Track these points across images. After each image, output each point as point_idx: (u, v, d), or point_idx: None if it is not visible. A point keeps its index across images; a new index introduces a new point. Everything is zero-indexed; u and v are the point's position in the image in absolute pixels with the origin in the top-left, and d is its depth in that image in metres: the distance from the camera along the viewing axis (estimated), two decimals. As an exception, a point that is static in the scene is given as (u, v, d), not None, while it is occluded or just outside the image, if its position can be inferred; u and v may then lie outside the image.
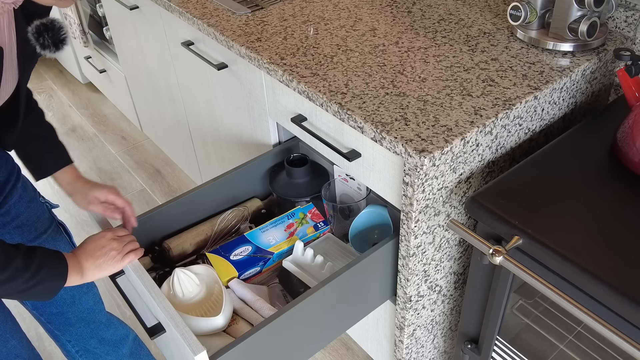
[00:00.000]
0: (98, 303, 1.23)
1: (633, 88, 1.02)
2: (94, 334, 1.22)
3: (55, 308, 1.15)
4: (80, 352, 1.22)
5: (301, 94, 1.15)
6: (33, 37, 0.90)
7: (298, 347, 1.08)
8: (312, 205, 1.30)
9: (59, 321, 1.18)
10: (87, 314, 1.20)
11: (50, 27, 0.90)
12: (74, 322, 1.19)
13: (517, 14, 1.18)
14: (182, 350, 0.95)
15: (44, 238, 1.11)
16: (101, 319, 1.23)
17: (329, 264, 1.18)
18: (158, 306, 0.97)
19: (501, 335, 1.07)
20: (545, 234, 0.85)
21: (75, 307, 1.18)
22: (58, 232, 1.15)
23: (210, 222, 1.30)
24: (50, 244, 1.12)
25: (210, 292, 1.13)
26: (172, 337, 0.98)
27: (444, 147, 0.94)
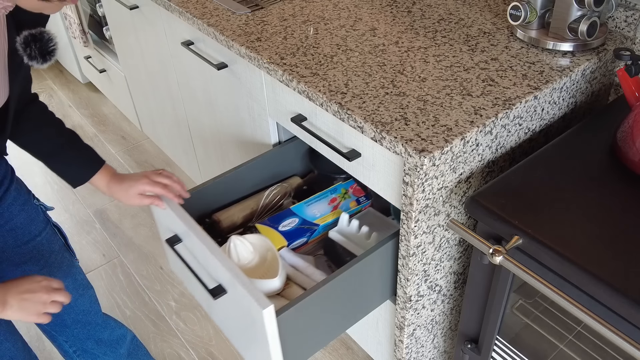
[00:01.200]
0: (94, 305, 1.22)
1: (633, 88, 1.02)
2: (90, 335, 1.22)
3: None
4: (78, 352, 1.22)
5: (301, 93, 1.15)
6: (21, 47, 0.89)
7: (350, 309, 1.14)
8: (353, 182, 1.36)
9: (54, 322, 1.18)
10: (82, 315, 1.20)
11: (39, 37, 0.89)
12: (70, 324, 1.19)
13: (517, 13, 1.18)
14: (248, 307, 0.98)
15: (38, 240, 1.11)
16: (97, 320, 1.23)
17: (374, 233, 1.24)
18: (223, 266, 1.00)
19: (501, 335, 1.07)
20: (545, 234, 0.85)
21: (71, 309, 1.18)
22: (53, 234, 1.15)
23: (255, 197, 1.36)
24: (45, 247, 1.12)
25: (263, 259, 1.19)
26: (234, 297, 1.01)
27: (443, 146, 0.94)
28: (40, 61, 0.90)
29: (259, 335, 1.00)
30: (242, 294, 0.97)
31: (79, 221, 2.25)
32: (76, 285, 1.18)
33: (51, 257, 1.13)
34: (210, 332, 1.77)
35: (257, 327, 0.99)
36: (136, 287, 1.95)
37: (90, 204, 2.33)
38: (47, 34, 0.90)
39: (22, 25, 0.89)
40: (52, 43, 0.90)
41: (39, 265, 1.11)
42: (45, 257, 1.12)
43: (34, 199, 1.12)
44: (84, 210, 2.31)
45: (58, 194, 2.40)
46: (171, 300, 1.89)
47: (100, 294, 1.94)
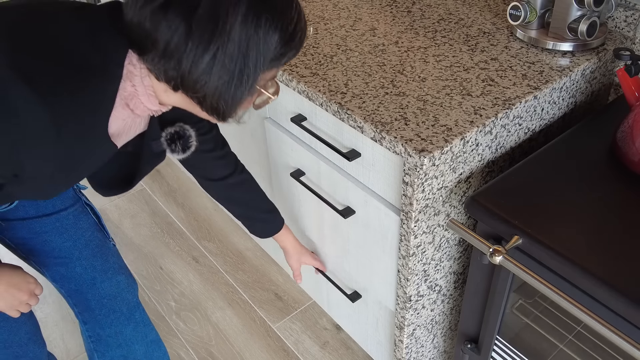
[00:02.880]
0: (122, 292, 1.20)
1: (633, 88, 1.02)
2: (112, 324, 1.20)
3: (74, 285, 1.15)
4: (93, 338, 1.21)
5: (301, 93, 1.15)
6: (166, 141, 0.98)
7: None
8: None
9: (77, 298, 1.17)
10: (107, 300, 1.18)
11: (182, 134, 0.99)
12: (94, 307, 1.17)
13: (517, 13, 1.18)
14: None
15: (63, 214, 1.12)
16: (122, 308, 1.20)
17: None
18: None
19: (501, 335, 1.07)
20: (544, 234, 0.85)
21: (95, 290, 1.16)
22: (83, 212, 1.16)
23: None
24: (71, 221, 1.13)
25: None
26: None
27: (443, 146, 0.94)
28: (180, 154, 1.00)
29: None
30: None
31: (79, 221, 2.25)
32: (105, 267, 1.16)
33: (77, 233, 1.13)
34: (210, 332, 1.77)
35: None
36: (136, 287, 1.95)
37: (90, 204, 2.33)
38: (188, 131, 1.00)
39: (167, 119, 0.97)
40: (192, 139, 1.00)
41: (62, 238, 1.12)
42: (70, 231, 1.13)
43: None
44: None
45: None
46: (171, 300, 1.89)
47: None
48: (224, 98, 0.75)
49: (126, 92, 0.79)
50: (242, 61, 0.72)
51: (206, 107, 0.77)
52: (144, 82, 0.79)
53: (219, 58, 0.71)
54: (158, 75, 0.75)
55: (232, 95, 0.75)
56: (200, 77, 0.72)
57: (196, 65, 0.71)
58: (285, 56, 0.77)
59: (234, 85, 0.74)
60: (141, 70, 0.77)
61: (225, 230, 2.15)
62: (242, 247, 2.07)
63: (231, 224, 2.17)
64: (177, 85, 0.75)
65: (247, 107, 0.82)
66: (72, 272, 1.13)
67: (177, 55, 0.71)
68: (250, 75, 0.74)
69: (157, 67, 0.74)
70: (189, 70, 0.72)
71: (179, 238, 2.14)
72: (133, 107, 0.82)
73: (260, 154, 1.53)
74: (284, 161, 1.39)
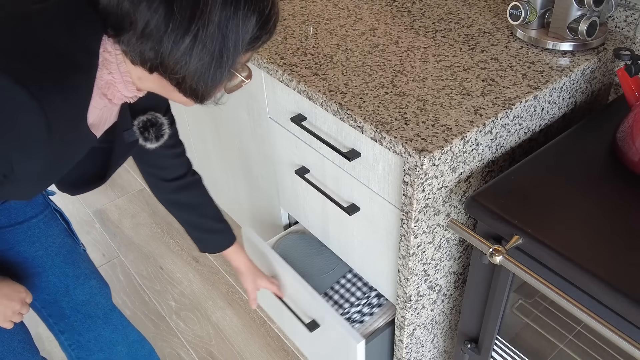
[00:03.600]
0: (96, 296, 1.20)
1: (633, 87, 1.02)
2: (90, 329, 1.20)
3: (48, 294, 1.14)
4: (73, 347, 1.20)
5: (301, 93, 1.15)
6: (138, 130, 0.97)
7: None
8: None
9: (53, 309, 1.16)
10: (82, 306, 1.18)
11: (154, 122, 0.98)
12: (69, 314, 1.17)
13: (517, 13, 1.18)
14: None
15: (34, 222, 1.11)
16: (98, 313, 1.20)
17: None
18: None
19: (501, 335, 1.07)
20: (544, 234, 0.85)
21: (69, 298, 1.16)
22: (53, 218, 1.15)
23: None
24: (41, 229, 1.12)
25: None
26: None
27: (443, 146, 0.94)
28: (154, 142, 0.99)
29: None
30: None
31: (79, 221, 2.25)
32: (77, 273, 1.16)
33: (48, 240, 1.12)
34: (210, 332, 1.77)
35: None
36: (136, 287, 1.95)
37: (90, 204, 2.33)
38: (160, 119, 0.99)
39: (136, 108, 0.96)
40: (164, 127, 0.99)
41: (34, 247, 1.11)
42: (42, 239, 1.12)
43: None
44: (84, 210, 2.31)
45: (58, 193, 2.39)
46: (171, 300, 1.89)
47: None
48: (203, 79, 0.74)
49: (103, 81, 0.78)
50: (222, 42, 0.71)
51: (184, 89, 0.77)
52: (120, 68, 0.77)
53: (200, 39, 0.70)
54: (134, 58, 0.74)
55: (211, 76, 0.74)
56: (181, 58, 0.71)
57: (177, 46, 0.70)
58: (261, 39, 0.77)
59: (213, 66, 0.73)
60: (117, 56, 0.76)
61: (225, 230, 2.15)
62: (242, 247, 2.07)
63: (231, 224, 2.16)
64: (154, 67, 0.73)
65: (222, 90, 0.82)
66: (45, 282, 1.12)
67: (156, 36, 0.70)
68: (230, 56, 0.73)
69: (133, 49, 0.72)
70: (170, 51, 0.70)
71: (179, 238, 2.14)
72: (110, 95, 0.81)
73: (260, 153, 1.53)
74: (289, 159, 1.39)
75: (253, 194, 1.73)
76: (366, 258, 1.25)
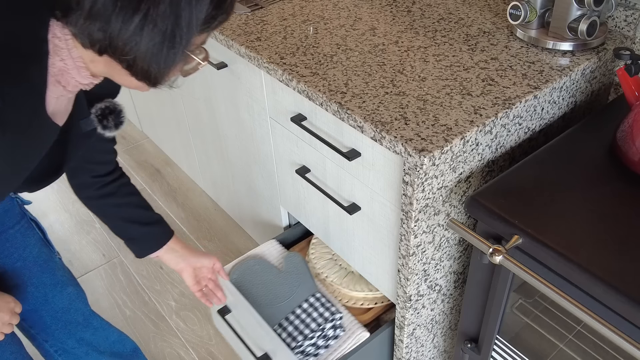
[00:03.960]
0: (74, 302, 1.20)
1: (633, 87, 1.02)
2: (71, 334, 1.20)
3: (27, 305, 1.13)
4: (59, 352, 1.20)
5: (301, 93, 1.15)
6: (97, 118, 0.93)
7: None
8: None
9: (33, 319, 1.16)
10: (62, 313, 1.18)
11: (113, 109, 0.94)
12: (50, 323, 1.17)
13: (517, 13, 1.18)
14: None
15: (11, 233, 1.10)
16: (78, 319, 1.20)
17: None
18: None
19: (501, 335, 1.07)
20: (544, 233, 0.85)
21: (48, 306, 1.16)
22: (29, 228, 1.14)
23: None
24: (19, 239, 1.11)
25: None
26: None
27: (443, 146, 0.94)
28: (113, 130, 0.95)
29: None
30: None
31: (79, 221, 2.25)
32: (54, 281, 1.16)
33: (25, 251, 1.12)
34: (210, 332, 1.77)
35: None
36: (136, 286, 1.95)
37: (90, 204, 2.33)
38: (118, 106, 0.95)
39: (94, 96, 0.93)
40: (122, 114, 0.96)
41: (12, 259, 1.10)
42: (19, 250, 1.11)
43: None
44: (84, 209, 2.31)
45: (57, 193, 2.40)
46: (171, 300, 1.89)
47: (100, 293, 1.94)
48: (155, 61, 0.71)
49: (55, 68, 0.76)
50: (174, 21, 0.68)
51: (136, 71, 0.73)
52: (72, 54, 0.75)
53: (150, 17, 0.67)
54: (83, 40, 0.71)
55: (164, 57, 0.71)
56: (131, 38, 0.68)
57: (126, 26, 0.67)
58: (217, 19, 0.74)
59: (166, 47, 0.70)
60: (67, 42, 0.74)
61: (225, 230, 2.15)
62: (242, 246, 2.07)
63: (231, 224, 2.17)
64: (104, 48, 0.70)
65: (177, 73, 0.79)
66: (24, 293, 1.12)
67: (104, 15, 0.67)
68: (183, 36, 0.70)
69: (82, 30, 0.69)
70: (119, 31, 0.67)
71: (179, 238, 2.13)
72: (64, 83, 0.79)
73: (260, 153, 1.53)
74: (289, 158, 1.39)
75: (253, 193, 1.73)
76: (366, 257, 1.25)
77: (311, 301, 1.35)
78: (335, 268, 1.42)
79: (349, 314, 1.33)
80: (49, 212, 2.31)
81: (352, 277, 1.39)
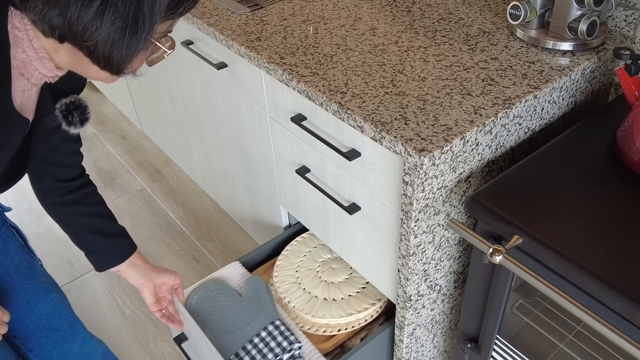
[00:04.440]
0: (58, 309, 1.16)
1: (633, 87, 1.02)
2: (57, 344, 1.16)
3: (11, 314, 1.11)
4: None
5: (301, 93, 1.15)
6: (61, 113, 0.91)
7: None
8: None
9: (17, 328, 1.13)
10: (46, 320, 1.14)
11: (78, 105, 0.92)
12: (34, 331, 1.14)
13: (517, 13, 1.18)
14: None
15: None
16: (64, 326, 1.17)
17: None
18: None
19: (501, 335, 1.07)
20: (545, 233, 0.85)
21: (32, 313, 1.13)
22: (10, 235, 1.12)
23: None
24: (0, 247, 1.10)
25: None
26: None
27: (443, 146, 0.94)
28: (78, 127, 0.93)
29: None
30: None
31: (79, 221, 2.25)
32: (36, 288, 1.14)
33: (7, 259, 1.10)
34: (210, 331, 1.77)
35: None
36: (136, 286, 1.95)
37: (90, 204, 2.33)
38: (84, 102, 0.93)
39: (58, 91, 0.90)
40: (87, 110, 0.93)
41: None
42: (0, 258, 1.10)
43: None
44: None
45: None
46: (171, 300, 1.88)
47: (100, 293, 1.94)
48: (117, 47, 0.69)
49: (17, 61, 0.74)
50: (136, 6, 0.67)
51: (98, 58, 0.71)
52: (33, 44, 0.73)
53: (111, 2, 0.65)
54: (43, 28, 0.69)
55: (126, 43, 0.69)
56: (91, 23, 0.66)
57: (85, 10, 0.65)
58: (182, 6, 0.72)
59: (128, 33, 0.68)
60: (27, 32, 0.72)
61: (225, 230, 2.15)
62: (242, 246, 2.07)
63: (231, 224, 2.17)
64: (64, 35, 0.68)
65: (142, 61, 0.78)
66: (7, 301, 1.10)
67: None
68: (146, 21, 0.69)
69: (41, 17, 0.67)
70: (77, 15, 0.65)
71: (179, 238, 2.14)
72: (28, 75, 0.77)
73: (260, 153, 1.53)
74: (289, 158, 1.39)
75: (253, 193, 1.73)
76: (366, 257, 1.25)
77: (270, 329, 1.30)
78: (299, 292, 1.38)
79: (309, 342, 1.28)
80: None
81: (316, 302, 1.34)
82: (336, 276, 1.41)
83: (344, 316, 1.30)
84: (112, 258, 1.16)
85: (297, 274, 1.43)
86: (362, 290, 1.37)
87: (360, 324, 1.32)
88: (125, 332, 1.81)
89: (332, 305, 1.33)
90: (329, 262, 1.46)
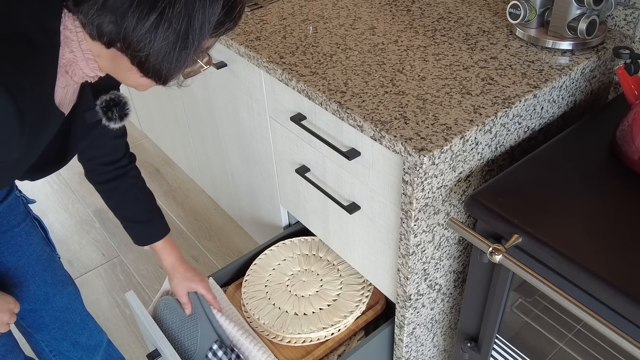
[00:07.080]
0: (73, 302, 1.21)
1: (632, 86, 1.02)
2: (67, 335, 1.20)
3: (28, 304, 1.14)
4: (54, 353, 1.21)
5: (300, 92, 1.15)
6: (101, 109, 0.94)
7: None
8: None
9: (32, 318, 1.16)
10: (61, 312, 1.18)
11: (118, 101, 0.95)
12: (48, 322, 1.17)
13: (517, 12, 1.18)
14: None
15: (17, 231, 1.11)
16: (75, 319, 1.21)
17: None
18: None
19: (501, 334, 1.07)
20: (544, 233, 0.85)
21: (49, 305, 1.16)
22: (33, 226, 1.14)
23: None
24: (23, 237, 1.12)
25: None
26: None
27: (443, 145, 0.94)
28: (118, 122, 0.97)
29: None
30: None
31: (79, 220, 2.25)
32: (55, 280, 1.16)
33: (29, 249, 1.12)
34: (210, 331, 1.77)
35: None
36: (136, 286, 1.95)
37: (89, 204, 2.33)
38: (123, 98, 0.96)
39: (98, 87, 0.94)
40: (127, 106, 0.97)
41: (16, 257, 1.10)
42: (23, 248, 1.12)
43: (16, 190, 1.12)
44: (84, 209, 2.31)
45: (58, 193, 2.40)
46: (171, 299, 1.89)
47: (100, 293, 1.94)
48: (167, 59, 0.72)
49: (64, 60, 0.77)
50: (188, 22, 0.70)
51: (147, 69, 0.74)
52: (81, 46, 0.76)
53: (166, 17, 0.68)
54: (91, 31, 0.71)
55: (176, 57, 0.72)
56: (145, 35, 0.69)
57: (142, 23, 0.68)
58: (224, 26, 0.75)
59: (178, 47, 0.71)
60: (77, 34, 0.74)
61: (225, 229, 2.15)
62: (242, 246, 2.07)
63: (231, 224, 2.17)
64: (113, 42, 0.71)
65: (181, 74, 0.81)
66: (26, 291, 1.12)
67: (120, 9, 0.68)
68: (196, 38, 0.72)
69: (91, 20, 0.70)
70: (134, 27, 0.68)
71: (179, 237, 2.14)
72: (72, 73, 0.80)
73: (260, 152, 1.53)
74: (289, 158, 1.39)
75: (253, 193, 1.73)
76: (366, 256, 1.25)
77: (214, 348, 1.25)
78: (269, 308, 1.35)
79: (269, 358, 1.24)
80: (49, 212, 2.31)
81: (286, 318, 1.32)
82: (306, 290, 1.39)
83: (315, 331, 1.29)
84: (155, 232, 1.24)
85: (266, 288, 1.41)
86: (333, 303, 1.35)
87: (328, 337, 1.30)
88: (125, 332, 1.81)
89: (303, 321, 1.31)
90: (298, 275, 1.44)
